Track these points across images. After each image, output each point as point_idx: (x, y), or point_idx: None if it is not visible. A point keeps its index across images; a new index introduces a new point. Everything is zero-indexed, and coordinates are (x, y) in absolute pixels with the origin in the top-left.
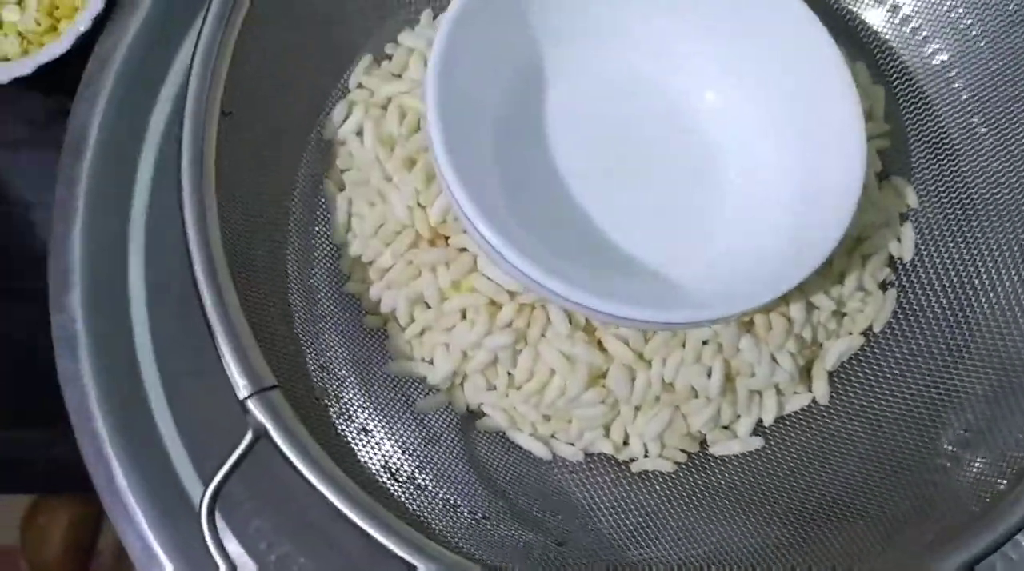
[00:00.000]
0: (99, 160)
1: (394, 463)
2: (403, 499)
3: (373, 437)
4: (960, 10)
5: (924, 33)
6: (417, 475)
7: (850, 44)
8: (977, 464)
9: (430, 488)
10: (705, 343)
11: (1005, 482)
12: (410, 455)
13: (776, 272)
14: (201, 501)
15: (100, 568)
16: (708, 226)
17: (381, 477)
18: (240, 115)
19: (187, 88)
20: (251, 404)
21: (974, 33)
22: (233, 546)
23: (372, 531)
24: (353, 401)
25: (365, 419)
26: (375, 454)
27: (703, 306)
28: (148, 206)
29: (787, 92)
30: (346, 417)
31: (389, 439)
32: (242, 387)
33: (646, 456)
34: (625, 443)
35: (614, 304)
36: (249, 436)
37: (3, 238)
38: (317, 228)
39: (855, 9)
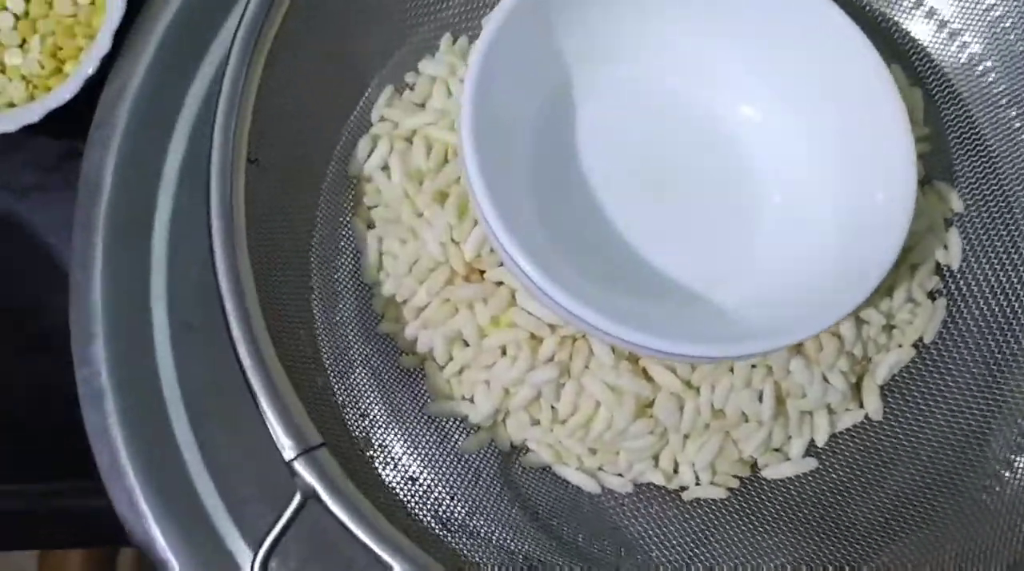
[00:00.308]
0: (115, 204)
1: (444, 511)
2: (458, 548)
3: (421, 486)
4: (998, 9)
5: (959, 32)
6: (469, 521)
7: (884, 47)
8: None
9: (483, 534)
10: (754, 367)
11: None
12: (460, 500)
13: (826, 299)
14: (253, 565)
15: None
16: (749, 248)
17: (433, 528)
18: (266, 160)
19: (207, 132)
20: (298, 466)
21: (1009, 28)
22: None
23: None
24: (396, 448)
25: (409, 464)
26: (425, 503)
27: (749, 337)
28: (168, 248)
29: (827, 104)
30: (392, 467)
31: (437, 485)
32: (288, 448)
33: (697, 484)
34: (675, 471)
35: (659, 340)
36: (298, 498)
37: (21, 286)
38: (341, 266)
39: (887, 11)
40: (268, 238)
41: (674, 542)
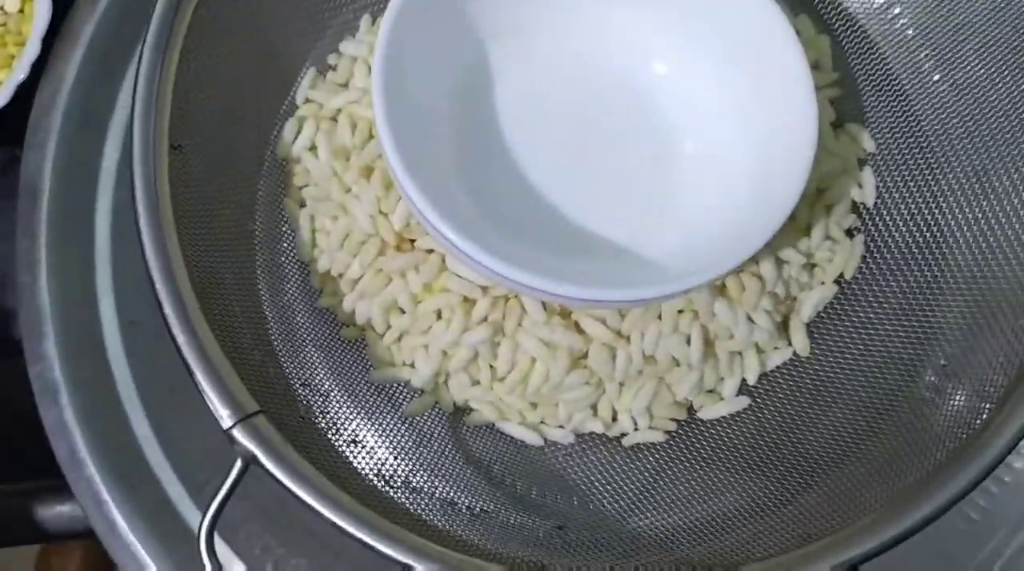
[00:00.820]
0: (56, 206)
1: (388, 469)
2: (401, 503)
3: (364, 446)
4: None
5: None
6: (412, 478)
7: None
8: (959, 395)
9: (426, 489)
10: (681, 312)
11: (988, 407)
12: (403, 459)
13: (741, 236)
14: (199, 532)
15: None
16: (670, 199)
17: (377, 484)
18: (190, 146)
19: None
20: (236, 433)
21: None
22: (226, 552)
23: (371, 541)
24: (340, 414)
25: (354, 429)
26: (368, 463)
27: (671, 279)
28: (111, 246)
29: (732, 55)
30: (335, 431)
31: (381, 446)
32: (225, 417)
33: (636, 430)
34: (614, 419)
35: (582, 289)
36: (238, 464)
37: None
38: (283, 247)
39: None
40: (206, 222)
41: (620, 488)
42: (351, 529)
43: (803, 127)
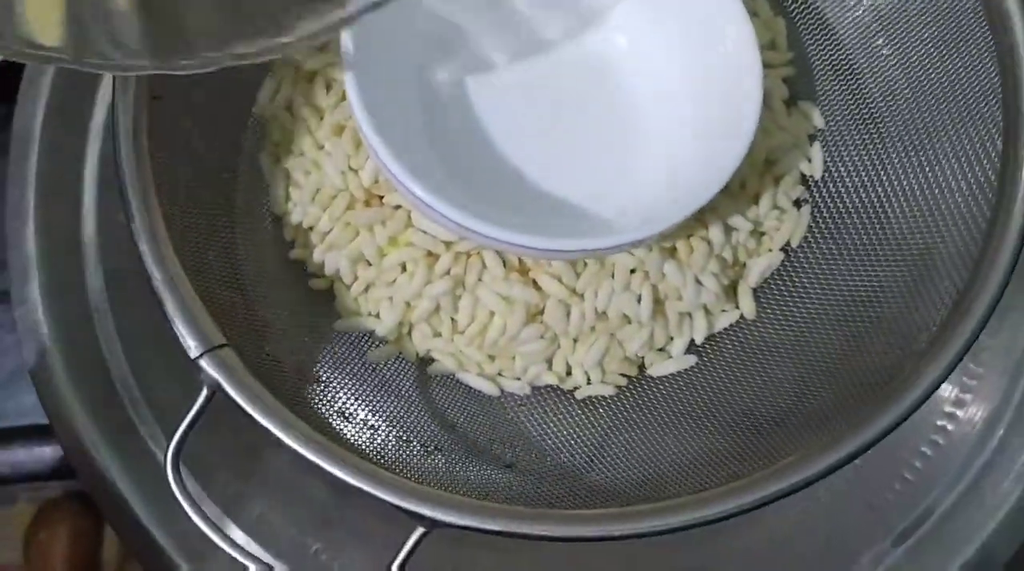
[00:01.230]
0: (46, 158)
1: (348, 409)
2: (357, 439)
3: (328, 389)
4: None
5: None
6: (371, 418)
7: None
8: (891, 352)
9: (383, 428)
10: (633, 272)
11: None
12: (364, 402)
13: (688, 194)
14: (165, 455)
15: None
16: (627, 161)
17: (335, 421)
18: (174, 101)
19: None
20: (203, 362)
21: None
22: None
23: (325, 465)
24: (307, 359)
25: (319, 372)
26: (331, 404)
27: (618, 232)
28: (97, 198)
29: (688, 30)
30: (299, 371)
31: (343, 389)
32: (193, 347)
33: (588, 383)
34: (569, 374)
35: (533, 238)
36: (205, 392)
37: None
38: (263, 201)
39: None
40: (184, 171)
41: (572, 438)
42: (307, 453)
43: (749, 99)
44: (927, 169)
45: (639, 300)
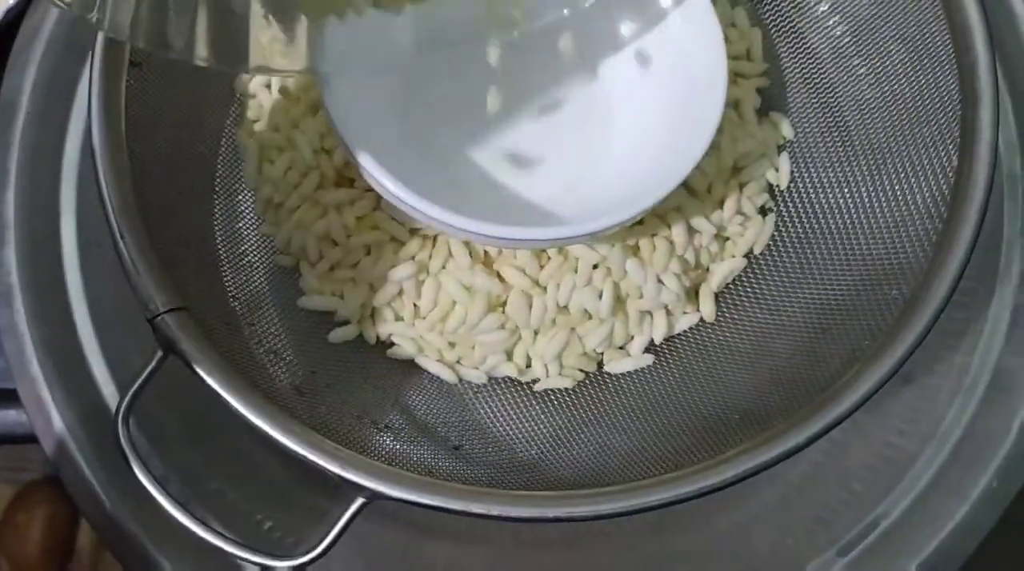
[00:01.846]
0: (31, 126)
1: (305, 384)
2: (309, 413)
3: (283, 360)
4: None
5: None
6: (326, 393)
7: None
8: (836, 359)
9: (337, 405)
10: (596, 267)
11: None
12: (321, 378)
13: (647, 191)
14: (117, 412)
15: (78, 566)
16: (598, 157)
17: (290, 395)
18: (158, 76)
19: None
20: (159, 322)
21: None
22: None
23: (271, 431)
24: (268, 331)
25: (277, 346)
26: (286, 375)
27: (578, 223)
28: (79, 168)
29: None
30: (257, 341)
31: (300, 364)
32: (151, 308)
33: (547, 376)
34: (528, 366)
35: (494, 226)
36: (159, 354)
37: None
38: (238, 175)
39: None
40: (157, 140)
41: (527, 429)
42: (252, 417)
43: (712, 101)
44: (889, 184)
45: (600, 296)
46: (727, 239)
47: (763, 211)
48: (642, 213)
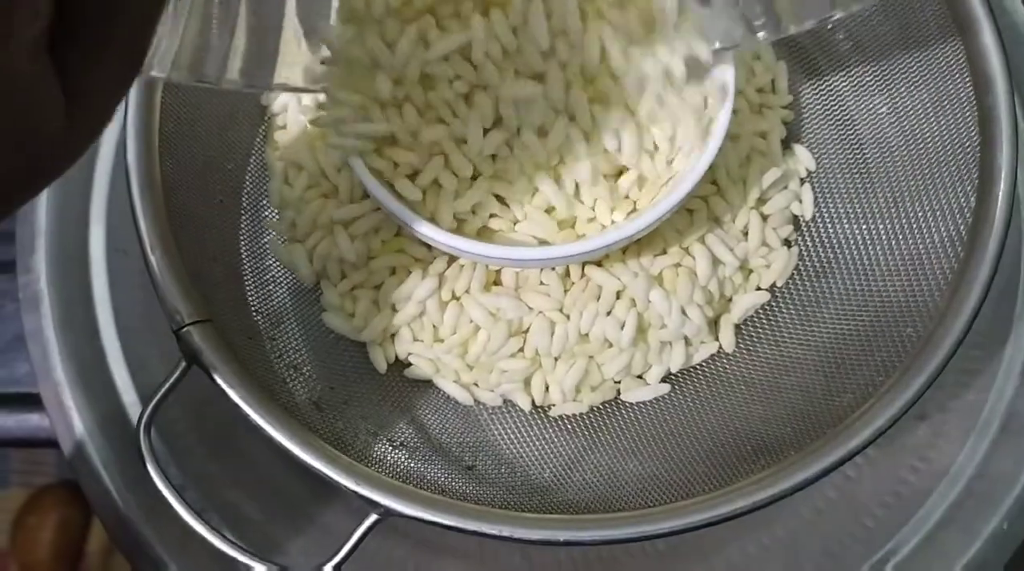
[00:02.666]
0: None
1: (321, 397)
2: (327, 428)
3: (303, 374)
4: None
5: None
6: (343, 408)
7: None
8: (849, 395)
9: (353, 421)
10: (619, 297)
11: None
12: (339, 393)
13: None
14: (139, 421)
15: (88, 569)
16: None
17: (308, 410)
18: (191, 93)
19: None
20: (184, 333)
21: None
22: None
23: (289, 445)
24: (290, 346)
25: (296, 360)
26: (304, 390)
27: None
28: (110, 178)
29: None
30: (278, 355)
31: (320, 379)
32: (176, 319)
33: (564, 402)
34: (546, 390)
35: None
36: (182, 365)
37: None
38: (267, 193)
39: None
40: (190, 156)
41: (541, 452)
42: (269, 429)
43: (718, 119)
44: (907, 221)
45: (622, 326)
46: (751, 271)
47: (787, 243)
48: (648, 228)
